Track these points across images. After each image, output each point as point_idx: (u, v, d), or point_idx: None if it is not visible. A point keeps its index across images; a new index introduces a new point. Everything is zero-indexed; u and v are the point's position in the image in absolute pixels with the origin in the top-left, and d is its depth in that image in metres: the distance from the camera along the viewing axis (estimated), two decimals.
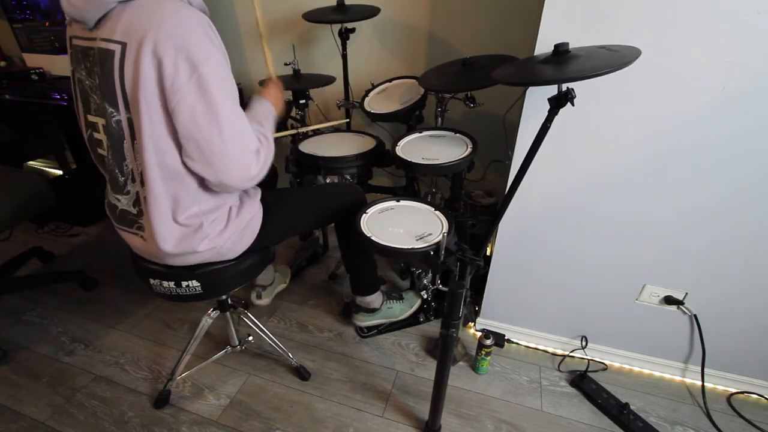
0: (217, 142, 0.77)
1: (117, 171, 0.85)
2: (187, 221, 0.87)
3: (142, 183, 0.83)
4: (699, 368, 1.28)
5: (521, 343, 1.45)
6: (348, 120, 1.69)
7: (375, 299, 1.43)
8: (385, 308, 1.46)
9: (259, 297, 1.58)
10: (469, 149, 1.18)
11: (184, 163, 0.81)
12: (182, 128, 0.76)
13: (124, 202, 0.89)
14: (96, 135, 0.86)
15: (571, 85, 0.74)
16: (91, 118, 0.85)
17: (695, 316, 1.20)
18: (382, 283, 1.52)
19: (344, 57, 1.59)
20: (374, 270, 1.38)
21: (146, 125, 0.76)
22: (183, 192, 0.84)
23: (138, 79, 0.73)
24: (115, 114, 0.79)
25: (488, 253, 1.41)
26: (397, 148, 1.24)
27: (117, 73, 0.74)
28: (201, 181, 0.85)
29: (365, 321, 1.47)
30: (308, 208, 1.17)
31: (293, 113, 1.58)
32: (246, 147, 0.81)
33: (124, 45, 0.73)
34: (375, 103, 1.47)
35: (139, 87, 0.73)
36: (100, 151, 0.88)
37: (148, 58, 0.71)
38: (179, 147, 0.80)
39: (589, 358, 1.39)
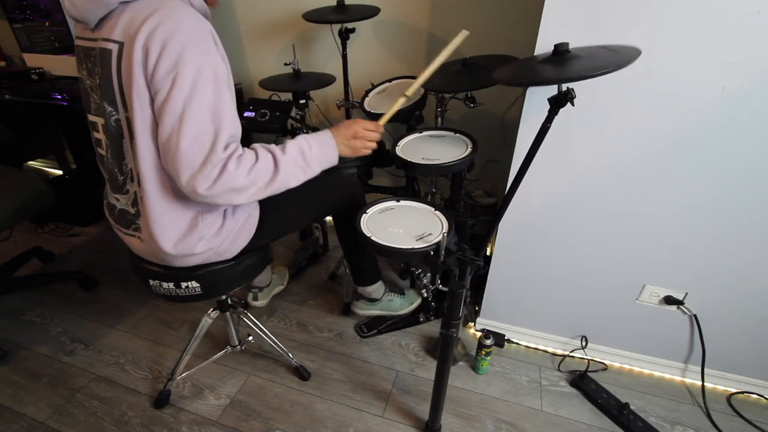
0: (173, 143, 0.73)
1: (116, 170, 0.86)
2: (182, 222, 0.86)
3: (139, 183, 0.83)
4: (699, 368, 1.28)
5: (521, 343, 1.45)
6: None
7: (376, 289, 1.44)
8: (386, 300, 1.48)
9: (255, 298, 1.57)
10: (469, 149, 1.18)
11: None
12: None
13: (123, 202, 0.89)
14: (95, 135, 0.87)
15: (571, 85, 0.74)
16: (91, 117, 0.86)
17: (695, 316, 1.20)
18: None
19: (344, 57, 1.59)
20: (374, 261, 1.39)
21: (140, 124, 0.76)
22: (178, 193, 0.83)
23: (131, 77, 0.73)
24: (114, 113, 0.79)
25: (488, 253, 1.41)
26: (397, 148, 1.24)
27: (114, 72, 0.75)
28: None
29: (365, 309, 1.48)
30: (304, 203, 1.15)
31: (293, 113, 1.58)
32: (198, 157, 0.74)
33: (121, 44, 0.73)
34: (375, 103, 1.46)
35: (132, 85, 0.73)
36: (99, 150, 0.88)
37: (138, 53, 0.71)
38: None
39: (589, 358, 1.39)
